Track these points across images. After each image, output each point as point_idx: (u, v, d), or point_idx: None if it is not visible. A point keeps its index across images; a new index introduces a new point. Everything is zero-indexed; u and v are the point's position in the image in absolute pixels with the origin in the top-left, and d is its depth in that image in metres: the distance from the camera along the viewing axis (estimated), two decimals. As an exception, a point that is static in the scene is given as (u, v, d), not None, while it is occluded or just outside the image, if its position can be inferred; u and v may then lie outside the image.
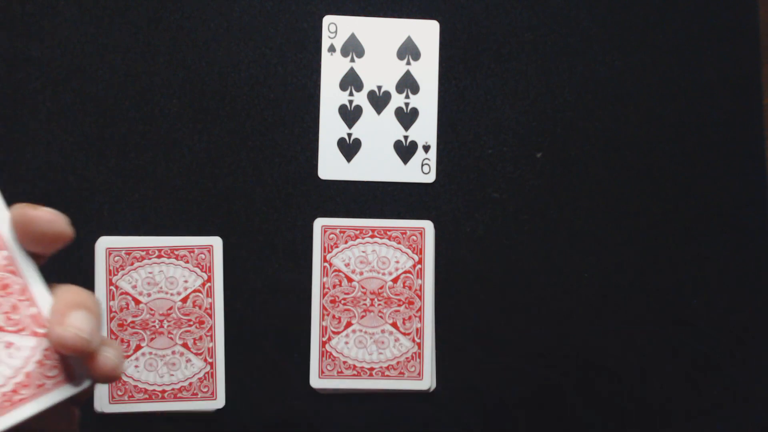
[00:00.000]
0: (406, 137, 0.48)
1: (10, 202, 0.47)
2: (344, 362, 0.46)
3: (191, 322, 0.46)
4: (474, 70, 0.49)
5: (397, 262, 0.47)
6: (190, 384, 0.46)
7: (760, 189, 0.49)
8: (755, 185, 0.49)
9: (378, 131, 0.48)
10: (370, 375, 0.46)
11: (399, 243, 0.47)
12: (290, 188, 0.48)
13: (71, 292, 0.31)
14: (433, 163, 0.48)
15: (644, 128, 0.49)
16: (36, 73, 0.47)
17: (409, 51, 0.49)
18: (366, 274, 0.46)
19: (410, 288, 0.46)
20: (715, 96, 0.49)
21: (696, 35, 0.50)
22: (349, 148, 0.48)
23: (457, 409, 0.48)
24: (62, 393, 0.29)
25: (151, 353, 0.46)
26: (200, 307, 0.46)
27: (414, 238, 0.47)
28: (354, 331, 0.46)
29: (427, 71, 0.49)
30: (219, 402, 0.46)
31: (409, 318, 0.47)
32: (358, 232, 0.47)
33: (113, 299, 0.46)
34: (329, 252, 0.47)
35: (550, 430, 0.48)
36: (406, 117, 0.48)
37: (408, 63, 0.49)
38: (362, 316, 0.46)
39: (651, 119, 0.49)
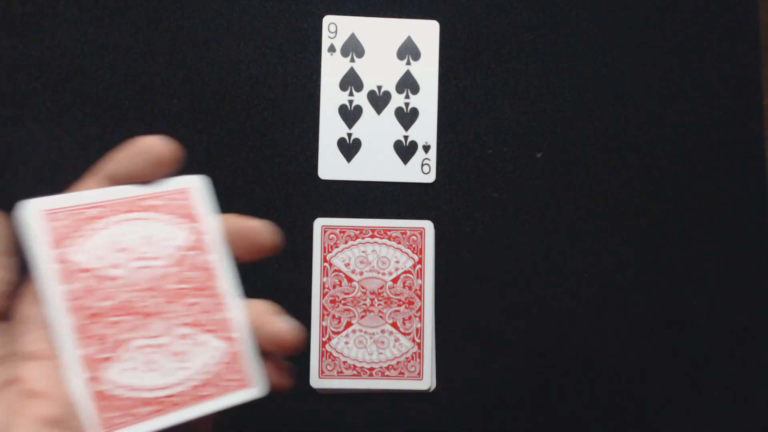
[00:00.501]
0: (406, 137, 0.48)
1: (9, 202, 0.47)
2: (344, 362, 0.46)
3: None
4: (474, 70, 0.49)
5: (397, 262, 0.47)
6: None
7: (760, 189, 0.49)
8: (755, 185, 0.49)
9: (378, 131, 0.48)
10: (370, 375, 0.46)
11: (399, 243, 0.47)
12: (290, 188, 0.48)
13: (261, 303, 0.33)
14: (433, 163, 0.48)
15: (644, 128, 0.49)
16: (36, 73, 0.47)
17: (409, 51, 0.49)
18: (366, 274, 0.46)
19: (410, 288, 0.46)
20: (715, 96, 0.50)
21: (696, 35, 0.50)
22: (349, 148, 0.48)
23: (457, 409, 0.48)
24: (240, 397, 0.32)
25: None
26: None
27: (414, 238, 0.47)
28: (354, 331, 0.46)
29: (427, 71, 0.49)
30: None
31: (409, 318, 0.47)
32: (358, 232, 0.47)
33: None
34: (329, 252, 0.47)
35: (550, 430, 0.48)
36: (406, 117, 0.48)
37: (408, 63, 0.49)
38: (362, 316, 0.46)
39: (651, 119, 0.49)
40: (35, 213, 0.29)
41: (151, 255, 0.31)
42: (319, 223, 0.47)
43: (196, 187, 0.33)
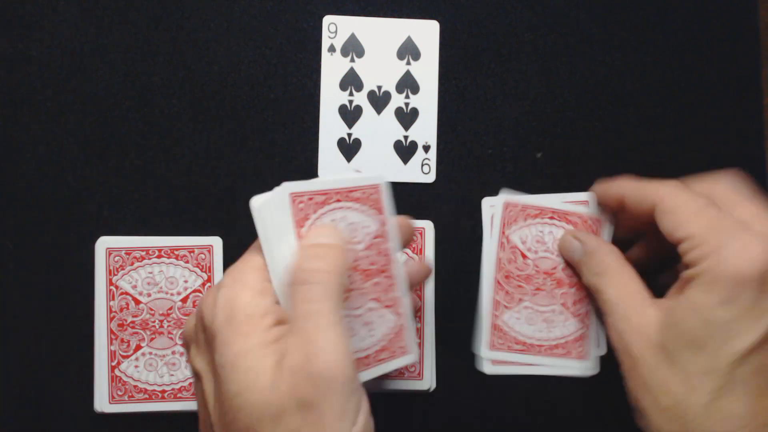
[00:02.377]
0: (406, 137, 0.48)
1: (9, 202, 0.48)
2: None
3: (191, 322, 0.46)
4: (474, 70, 0.49)
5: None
6: (190, 384, 0.46)
7: (761, 189, 0.49)
8: (755, 185, 0.49)
9: (378, 131, 0.48)
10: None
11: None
12: (290, 188, 0.48)
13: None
14: (433, 163, 0.48)
15: (644, 128, 0.49)
16: (36, 73, 0.47)
17: (409, 51, 0.49)
18: None
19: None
20: (715, 96, 0.50)
21: (696, 35, 0.50)
22: (349, 148, 0.48)
23: (457, 409, 0.48)
24: (403, 361, 0.39)
25: (151, 353, 0.46)
26: (200, 307, 0.46)
27: (414, 238, 0.47)
28: None
29: (427, 71, 0.49)
30: None
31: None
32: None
33: (113, 299, 0.46)
34: None
35: (550, 430, 0.48)
36: (406, 117, 0.48)
37: (408, 63, 0.49)
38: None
39: (651, 119, 0.49)
40: (285, 195, 0.36)
41: (355, 240, 0.37)
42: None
43: (383, 185, 0.38)
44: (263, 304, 0.32)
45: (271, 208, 0.35)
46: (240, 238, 0.47)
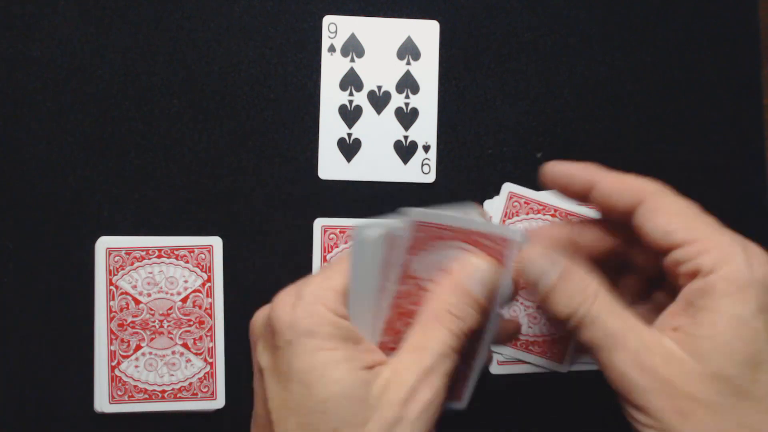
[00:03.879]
0: (406, 137, 0.48)
1: (9, 202, 0.48)
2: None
3: (191, 322, 0.46)
4: (474, 70, 0.49)
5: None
6: (190, 384, 0.46)
7: (760, 189, 0.49)
8: (755, 185, 0.49)
9: (378, 131, 0.48)
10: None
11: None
12: (290, 188, 0.48)
13: None
14: (433, 163, 0.48)
15: (644, 128, 0.49)
16: (36, 73, 0.47)
17: (409, 51, 0.49)
18: None
19: None
20: (715, 96, 0.50)
21: (696, 35, 0.50)
22: (349, 148, 0.48)
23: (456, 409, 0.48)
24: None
25: (151, 353, 0.46)
26: (200, 307, 0.46)
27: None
28: None
29: (427, 71, 0.49)
30: (219, 402, 0.46)
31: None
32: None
33: (113, 299, 0.46)
34: (329, 252, 0.47)
35: (550, 430, 0.48)
36: (406, 117, 0.48)
37: (408, 63, 0.49)
38: None
39: (651, 119, 0.49)
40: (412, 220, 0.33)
41: None
42: (319, 224, 0.47)
43: (516, 242, 0.33)
44: (345, 325, 0.33)
45: (381, 243, 0.33)
46: (240, 238, 0.47)
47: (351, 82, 0.48)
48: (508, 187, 0.48)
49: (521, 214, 0.46)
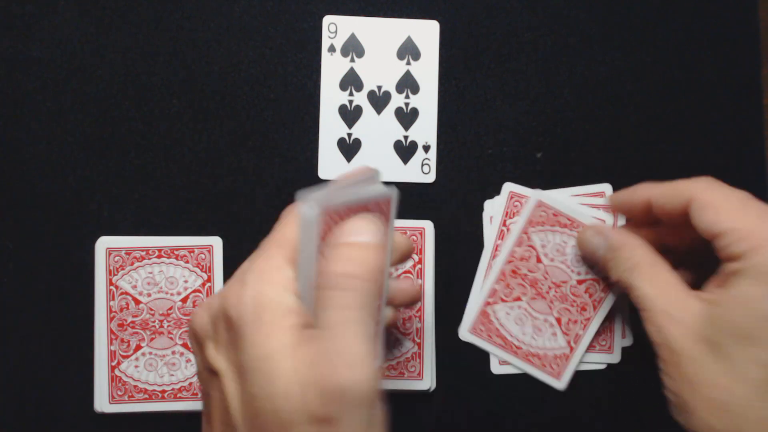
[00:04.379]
0: (406, 137, 0.48)
1: (9, 202, 0.48)
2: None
3: (191, 322, 0.46)
4: (474, 70, 0.49)
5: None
6: (190, 384, 0.46)
7: (760, 189, 0.49)
8: (755, 185, 0.49)
9: (378, 131, 0.48)
10: None
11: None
12: (290, 188, 0.48)
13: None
14: (433, 163, 0.48)
15: (644, 128, 0.49)
16: (36, 73, 0.47)
17: (409, 51, 0.49)
18: None
19: None
20: (715, 96, 0.50)
21: (696, 35, 0.50)
22: (349, 148, 0.48)
23: (457, 409, 0.48)
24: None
25: (151, 353, 0.46)
26: (200, 307, 0.46)
27: (414, 238, 0.47)
28: None
29: (427, 71, 0.49)
30: None
31: (410, 318, 0.47)
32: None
33: (113, 299, 0.46)
34: None
35: (550, 430, 0.48)
36: (406, 117, 0.48)
37: (408, 63, 0.49)
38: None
39: (651, 119, 0.49)
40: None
41: None
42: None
43: (394, 197, 0.36)
44: (290, 303, 0.31)
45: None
46: (240, 238, 0.47)
47: (351, 82, 0.48)
48: (508, 187, 0.48)
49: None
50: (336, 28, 0.48)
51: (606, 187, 0.48)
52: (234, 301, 0.32)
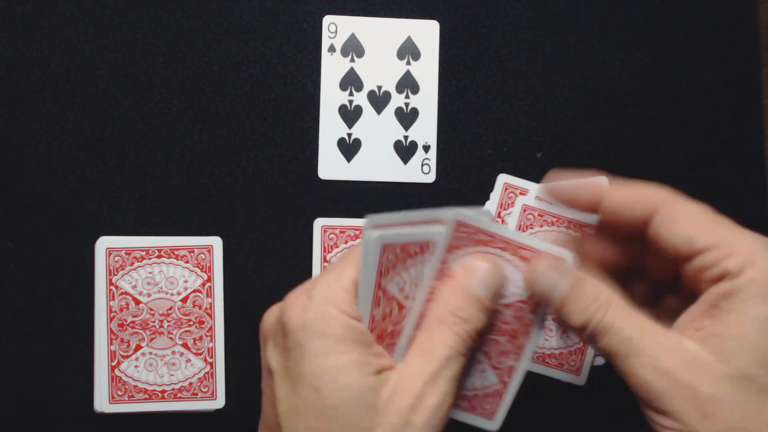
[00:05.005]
0: (406, 137, 0.48)
1: (9, 202, 0.48)
2: None
3: (191, 322, 0.46)
4: (474, 70, 0.49)
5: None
6: (190, 384, 0.46)
7: (760, 189, 0.49)
8: (755, 185, 0.49)
9: (378, 131, 0.48)
10: None
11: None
12: (290, 188, 0.48)
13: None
14: (433, 163, 0.48)
15: (644, 128, 0.49)
16: (36, 73, 0.47)
17: (409, 51, 0.49)
18: None
19: None
20: (715, 96, 0.50)
21: (696, 35, 0.50)
22: (349, 148, 0.48)
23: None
24: (482, 423, 0.37)
25: (151, 353, 0.46)
26: (200, 307, 0.46)
27: None
28: None
29: (427, 71, 0.49)
30: (219, 402, 0.46)
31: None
32: (357, 232, 0.47)
33: (113, 299, 0.46)
34: (329, 252, 0.47)
35: (550, 431, 0.48)
36: (406, 117, 0.48)
37: (408, 63, 0.49)
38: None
39: (651, 119, 0.49)
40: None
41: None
42: (319, 224, 0.47)
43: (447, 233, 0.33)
44: (357, 326, 0.33)
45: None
46: (240, 238, 0.47)
47: (351, 82, 0.48)
48: (503, 179, 0.47)
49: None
50: (336, 28, 0.48)
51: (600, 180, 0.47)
52: (298, 312, 0.32)
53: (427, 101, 0.49)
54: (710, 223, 0.32)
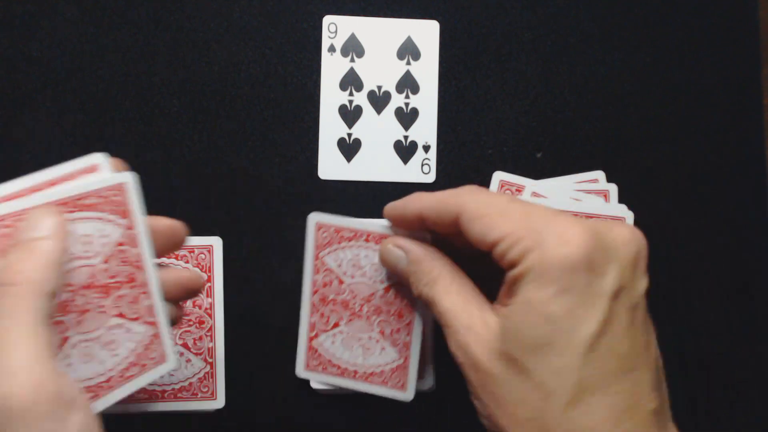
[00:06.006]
0: (406, 137, 0.48)
1: (10, 202, 0.47)
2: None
3: (191, 322, 0.46)
4: (474, 70, 0.49)
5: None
6: (190, 384, 0.46)
7: (760, 189, 0.49)
8: (755, 185, 0.49)
9: (378, 131, 0.48)
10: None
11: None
12: (290, 188, 0.48)
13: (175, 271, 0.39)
14: (433, 163, 0.48)
15: (644, 128, 0.49)
16: (36, 73, 0.47)
17: (409, 51, 0.49)
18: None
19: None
20: (715, 96, 0.50)
21: (696, 35, 0.50)
22: (349, 148, 0.48)
23: (457, 409, 0.48)
24: (158, 372, 0.36)
25: None
26: (200, 307, 0.46)
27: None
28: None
29: (427, 71, 0.49)
30: (219, 402, 0.46)
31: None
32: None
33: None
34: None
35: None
36: (406, 117, 0.48)
37: (408, 63, 0.49)
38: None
39: (651, 119, 0.49)
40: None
41: (87, 254, 0.33)
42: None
43: (128, 183, 0.34)
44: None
45: None
46: (240, 238, 0.47)
47: (351, 82, 0.48)
48: (499, 176, 0.48)
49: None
50: (336, 28, 0.48)
51: (599, 174, 0.47)
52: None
53: (427, 101, 0.49)
54: (502, 215, 0.34)
